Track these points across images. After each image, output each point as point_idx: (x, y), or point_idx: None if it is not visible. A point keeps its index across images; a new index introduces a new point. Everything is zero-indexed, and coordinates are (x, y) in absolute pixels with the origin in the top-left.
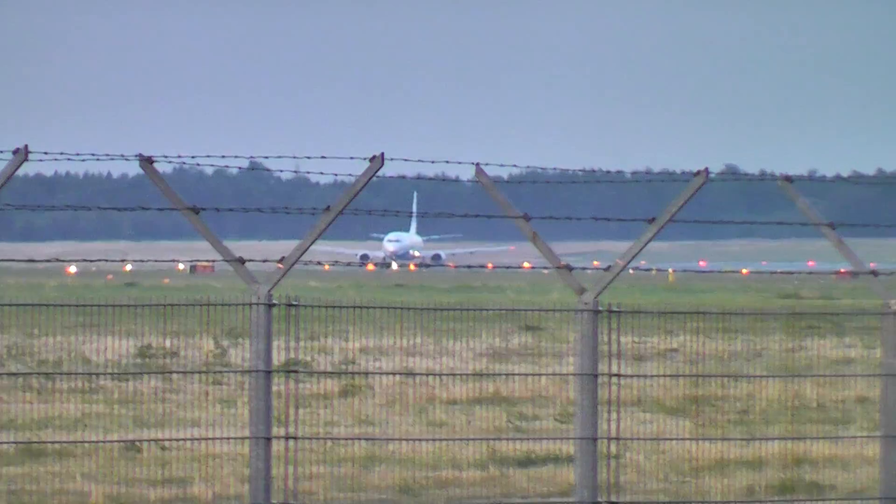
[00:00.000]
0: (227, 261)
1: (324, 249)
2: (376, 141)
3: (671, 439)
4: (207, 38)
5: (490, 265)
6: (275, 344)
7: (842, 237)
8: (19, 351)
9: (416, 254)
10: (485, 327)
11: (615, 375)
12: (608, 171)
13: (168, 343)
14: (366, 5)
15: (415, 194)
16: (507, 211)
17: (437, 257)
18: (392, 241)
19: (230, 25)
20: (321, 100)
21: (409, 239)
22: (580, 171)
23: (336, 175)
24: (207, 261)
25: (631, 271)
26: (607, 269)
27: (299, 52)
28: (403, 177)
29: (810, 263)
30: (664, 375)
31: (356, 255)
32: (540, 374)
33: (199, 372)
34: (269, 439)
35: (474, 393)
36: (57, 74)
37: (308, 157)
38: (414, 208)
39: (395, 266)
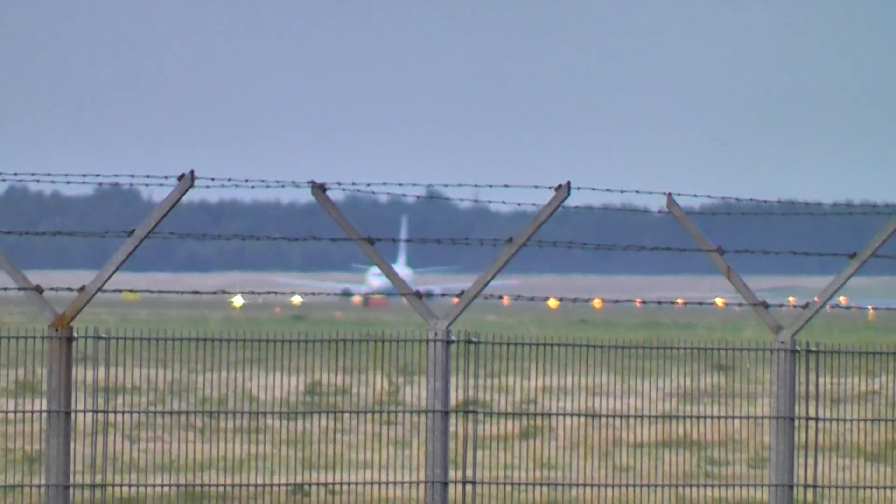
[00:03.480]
0: (403, 294)
1: (299, 283)
2: (560, 169)
3: (871, 487)
4: (384, 63)
5: (681, 301)
6: (452, 382)
7: None
8: (181, 387)
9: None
10: (674, 366)
11: (812, 419)
12: (806, 203)
13: (339, 380)
14: (558, 29)
15: (403, 219)
16: (700, 243)
17: (430, 293)
18: (378, 275)
19: (409, 48)
20: (504, 126)
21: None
22: (776, 202)
23: (519, 204)
24: (381, 293)
25: (828, 308)
26: (805, 306)
27: (481, 75)
28: (590, 207)
29: None
30: (865, 419)
31: (336, 288)
32: (732, 417)
33: (372, 411)
34: (445, 483)
35: (662, 435)
36: (224, 99)
37: (490, 186)
38: (403, 235)
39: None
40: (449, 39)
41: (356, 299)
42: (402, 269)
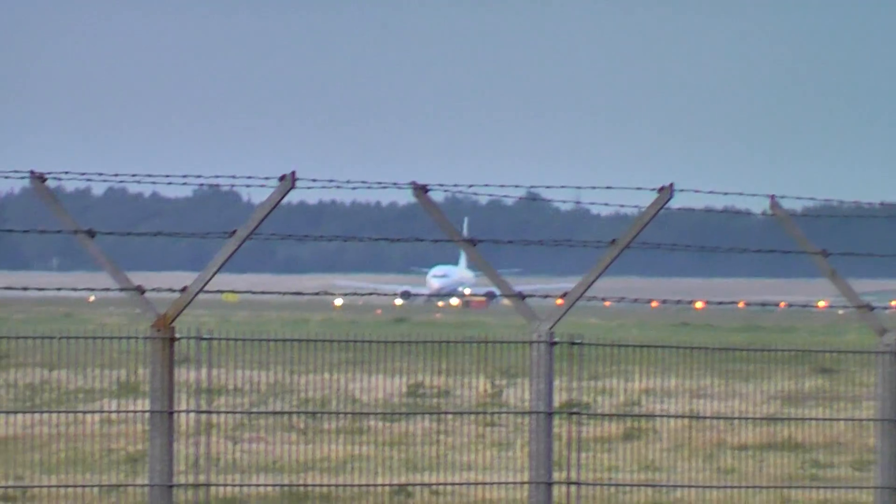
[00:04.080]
0: (506, 296)
1: (358, 285)
2: (662, 171)
3: None
4: (487, 65)
5: (782, 304)
6: (555, 383)
7: None
8: (283, 389)
9: (466, 291)
10: (777, 369)
11: None
12: None
13: (441, 382)
14: (662, 31)
15: (465, 220)
16: (804, 246)
17: (491, 295)
18: (438, 277)
19: (513, 51)
20: (605, 127)
21: (457, 274)
22: (879, 204)
23: (621, 206)
24: (481, 295)
25: None
26: None
27: (584, 78)
28: (691, 209)
29: None
30: None
31: (396, 290)
32: (836, 419)
33: (475, 412)
34: (549, 484)
35: (765, 438)
36: (325, 100)
37: (593, 188)
38: (464, 235)
39: (440, 304)
40: (555, 42)
41: (456, 301)
42: (463, 270)
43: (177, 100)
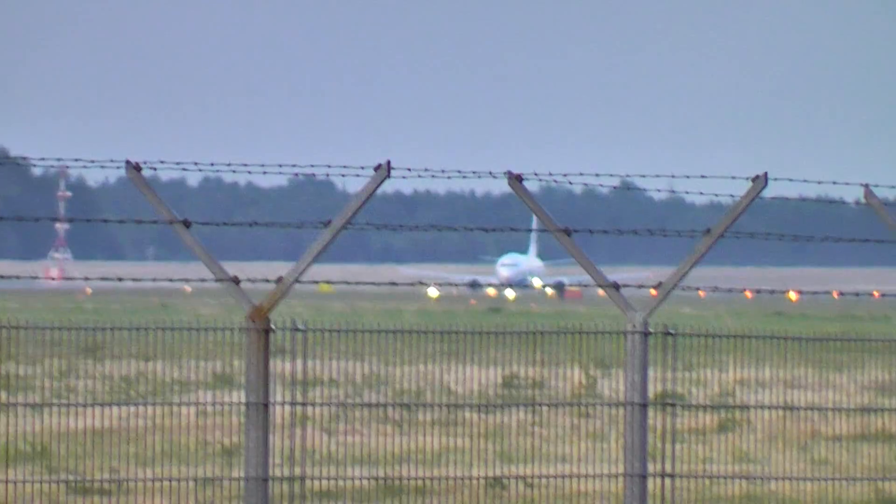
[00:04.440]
0: (601, 286)
1: (426, 274)
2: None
3: None
4: (581, 55)
5: (877, 293)
6: (649, 374)
7: None
8: (378, 380)
9: (536, 281)
10: (871, 359)
11: None
12: None
13: (535, 373)
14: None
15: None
16: None
17: (559, 285)
18: (507, 266)
19: (609, 43)
20: (700, 116)
21: (526, 263)
22: None
23: (716, 195)
24: (577, 285)
25: None
26: None
27: (677, 69)
28: (785, 198)
29: None
30: None
31: (463, 280)
32: None
33: (569, 404)
34: (644, 476)
35: (860, 429)
36: (417, 89)
37: (687, 177)
38: (533, 226)
39: (510, 294)
40: (648, 29)
41: (550, 292)
42: (532, 260)
43: (271, 89)
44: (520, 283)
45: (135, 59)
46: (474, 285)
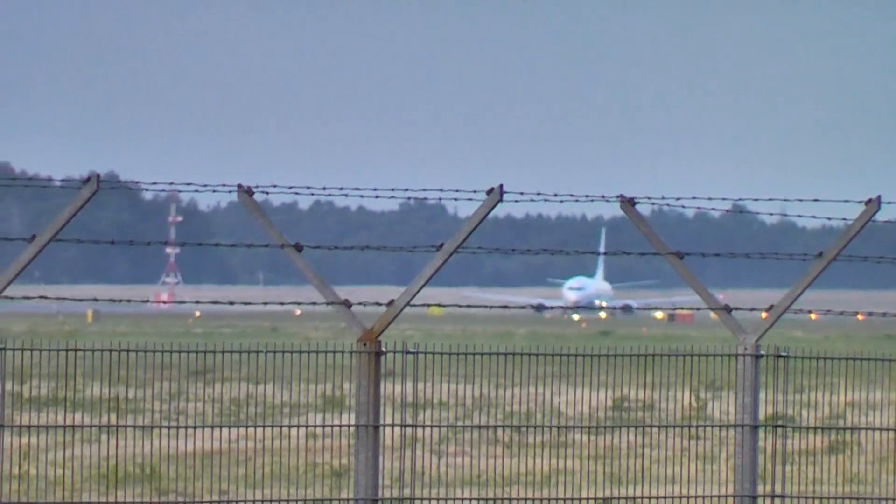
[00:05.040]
0: (712, 309)
1: (488, 297)
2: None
3: None
4: (691, 79)
5: None
6: (760, 396)
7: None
8: (487, 402)
9: (603, 304)
10: None
11: None
12: None
13: (645, 395)
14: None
15: (603, 231)
16: None
17: (627, 308)
18: (574, 289)
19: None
20: (813, 139)
21: (594, 286)
22: None
23: (829, 219)
24: (688, 308)
25: None
26: None
27: (787, 91)
28: None
29: None
30: None
31: (529, 304)
32: None
33: (679, 426)
34: (754, 497)
35: None
36: (529, 112)
37: (800, 200)
38: (601, 248)
39: (576, 317)
40: (761, 49)
41: (659, 315)
42: (600, 283)
43: (383, 114)
44: (587, 306)
45: (242, 82)
46: (539, 308)
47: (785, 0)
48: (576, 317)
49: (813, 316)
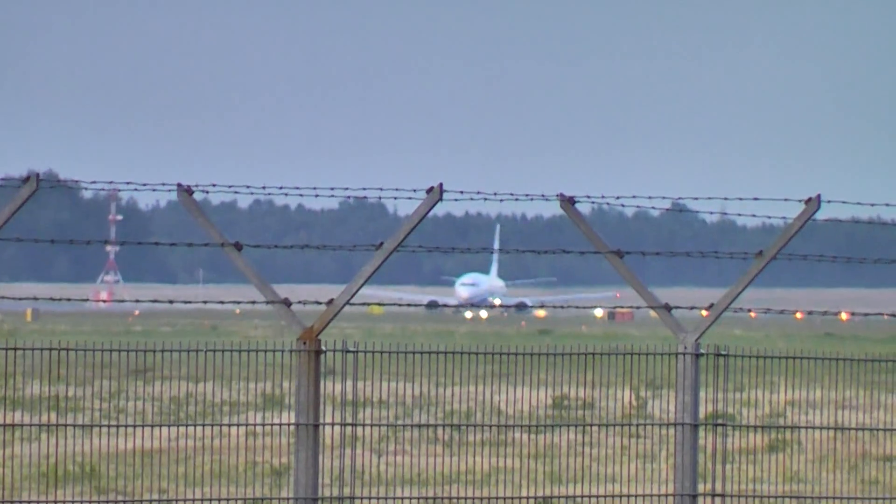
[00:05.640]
0: (652, 307)
1: (382, 294)
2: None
3: None
4: (631, 79)
5: None
6: (700, 395)
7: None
8: (428, 401)
9: (496, 301)
10: None
11: None
12: None
13: (585, 394)
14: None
15: (497, 228)
16: None
17: (522, 306)
18: (466, 286)
19: (662, 66)
20: (753, 137)
21: (487, 283)
22: None
23: (769, 217)
24: (627, 307)
25: None
26: None
27: (729, 91)
28: (837, 220)
29: None
30: None
31: (421, 300)
32: None
33: (619, 424)
34: (694, 496)
35: None
36: (468, 111)
37: (740, 199)
38: (496, 245)
39: (468, 315)
40: (698, 51)
41: (599, 313)
42: (494, 280)
43: (322, 112)
44: (480, 304)
45: (180, 80)
46: (432, 306)
47: None
48: (468, 314)
49: (753, 314)
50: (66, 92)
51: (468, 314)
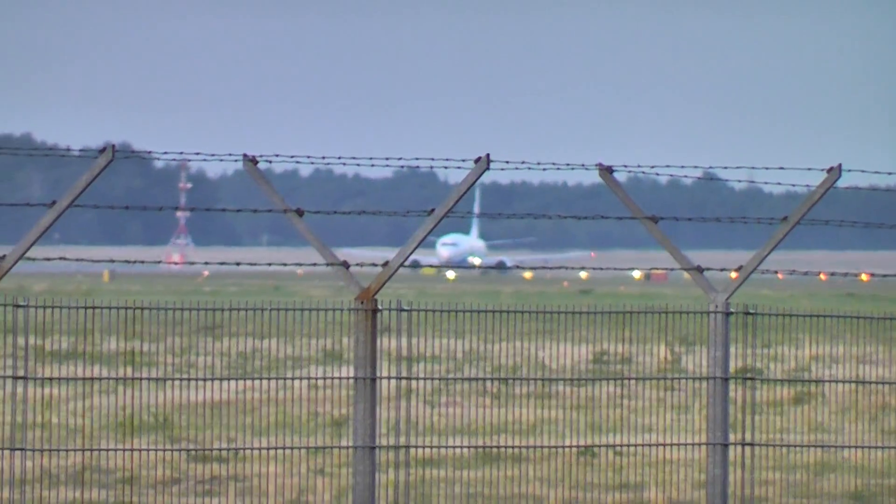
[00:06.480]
0: (685, 269)
1: (367, 255)
2: (828, 153)
3: None
4: (666, 55)
5: None
6: (730, 351)
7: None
8: (477, 356)
9: (477, 261)
10: None
11: None
12: None
13: (624, 350)
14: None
15: (477, 192)
16: None
17: (501, 265)
18: (447, 245)
19: (692, 42)
20: (779, 108)
21: (468, 243)
22: None
23: (794, 185)
24: (662, 269)
25: None
26: None
27: (756, 66)
28: (857, 188)
29: None
30: None
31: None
32: None
33: (655, 378)
34: (725, 445)
35: None
36: (515, 84)
37: (766, 168)
38: (475, 208)
39: (450, 274)
40: (729, 36)
41: (638, 275)
42: (474, 240)
43: (377, 87)
44: (460, 263)
45: (251, 61)
46: (415, 265)
47: None
48: (451, 274)
49: (779, 275)
50: (140, 69)
51: (450, 274)
